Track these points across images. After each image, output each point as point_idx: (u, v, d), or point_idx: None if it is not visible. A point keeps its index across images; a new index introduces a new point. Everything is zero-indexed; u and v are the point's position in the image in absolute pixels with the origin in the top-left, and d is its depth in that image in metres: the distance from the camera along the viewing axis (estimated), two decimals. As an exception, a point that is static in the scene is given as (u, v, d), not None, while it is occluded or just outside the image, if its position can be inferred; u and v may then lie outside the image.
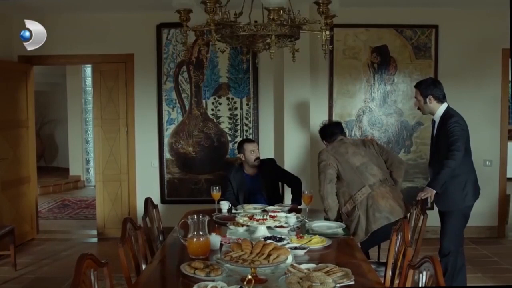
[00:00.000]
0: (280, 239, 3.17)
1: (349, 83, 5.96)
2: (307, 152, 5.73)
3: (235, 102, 6.09)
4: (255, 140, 5.26)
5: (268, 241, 2.82)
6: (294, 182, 4.66)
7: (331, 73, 5.95)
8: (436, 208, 4.10)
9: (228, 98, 6.09)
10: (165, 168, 6.16)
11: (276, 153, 5.81)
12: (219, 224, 3.77)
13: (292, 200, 4.55)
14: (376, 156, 4.01)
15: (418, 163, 6.01)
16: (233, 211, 4.09)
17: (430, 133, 5.66)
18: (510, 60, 5.63)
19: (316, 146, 5.87)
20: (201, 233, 2.92)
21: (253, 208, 4.08)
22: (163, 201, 6.15)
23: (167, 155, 6.16)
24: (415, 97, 4.09)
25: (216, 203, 4.13)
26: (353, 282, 2.51)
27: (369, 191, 3.82)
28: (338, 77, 5.95)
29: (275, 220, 3.44)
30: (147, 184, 6.13)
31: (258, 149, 4.63)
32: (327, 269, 2.59)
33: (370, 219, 3.77)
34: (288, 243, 3.13)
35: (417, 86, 4.09)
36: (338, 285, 2.41)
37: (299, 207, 4.33)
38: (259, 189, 4.57)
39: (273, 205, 4.23)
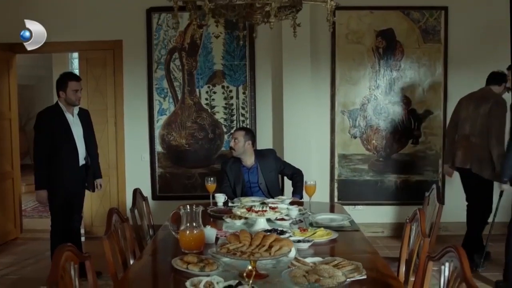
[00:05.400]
0: (282, 233, 2.92)
1: (353, 69, 5.72)
2: (307, 143, 5.48)
3: (230, 91, 5.83)
4: (243, 128, 4.74)
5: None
6: (295, 174, 4.46)
7: (333, 59, 5.70)
8: (446, 203, 3.93)
9: (223, 87, 5.84)
10: (156, 162, 5.92)
11: (275, 144, 5.62)
12: (214, 218, 3.54)
13: (293, 193, 4.34)
14: (478, 116, 4.64)
15: (427, 155, 5.76)
16: (230, 204, 3.88)
17: (441, 122, 5.67)
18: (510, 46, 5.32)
19: (317, 136, 5.60)
20: (194, 225, 2.73)
21: (251, 201, 3.84)
22: (154, 197, 5.91)
23: (158, 148, 5.92)
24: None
25: (211, 195, 3.91)
26: (365, 277, 2.27)
27: (457, 138, 4.90)
28: (341, 63, 5.71)
29: (275, 212, 3.23)
30: (138, 179, 5.84)
31: (239, 139, 4.26)
32: (336, 262, 2.38)
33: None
34: (290, 236, 2.87)
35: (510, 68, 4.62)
36: (348, 279, 2.17)
37: (301, 200, 4.16)
38: (257, 182, 4.34)
39: (273, 198, 4.00)
